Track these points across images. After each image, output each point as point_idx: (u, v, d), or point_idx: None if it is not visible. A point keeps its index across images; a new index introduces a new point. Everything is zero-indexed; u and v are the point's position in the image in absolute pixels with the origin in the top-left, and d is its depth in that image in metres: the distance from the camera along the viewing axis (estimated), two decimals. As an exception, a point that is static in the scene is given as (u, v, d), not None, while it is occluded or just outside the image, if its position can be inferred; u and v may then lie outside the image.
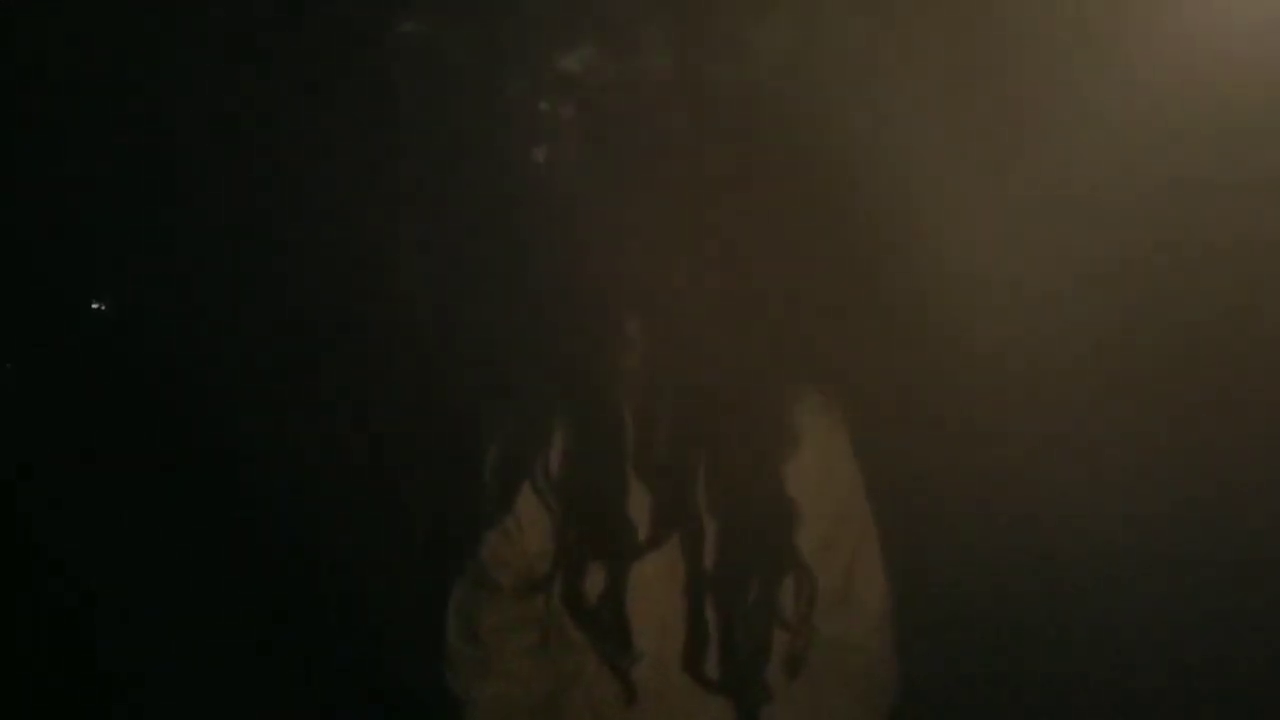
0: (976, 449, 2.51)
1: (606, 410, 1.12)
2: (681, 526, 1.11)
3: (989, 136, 2.36)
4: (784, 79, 1.57)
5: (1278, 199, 2.20)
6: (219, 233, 3.75)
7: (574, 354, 1.13)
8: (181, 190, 3.96)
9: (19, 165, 3.99)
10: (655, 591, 1.12)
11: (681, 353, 1.11)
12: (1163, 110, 2.12)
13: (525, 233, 1.22)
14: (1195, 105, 2.10)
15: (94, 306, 4.40)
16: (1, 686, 2.71)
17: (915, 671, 1.23)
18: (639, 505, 1.12)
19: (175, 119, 3.87)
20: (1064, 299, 2.46)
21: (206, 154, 3.76)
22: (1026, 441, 2.50)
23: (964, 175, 2.39)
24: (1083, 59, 2.28)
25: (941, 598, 2.04)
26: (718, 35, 1.50)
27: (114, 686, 2.88)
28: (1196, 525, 2.39)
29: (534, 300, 1.18)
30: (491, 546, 1.18)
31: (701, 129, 1.29)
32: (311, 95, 3.39)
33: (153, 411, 3.92)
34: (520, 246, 1.22)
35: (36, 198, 4.07)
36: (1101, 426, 2.51)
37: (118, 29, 3.76)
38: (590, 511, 1.12)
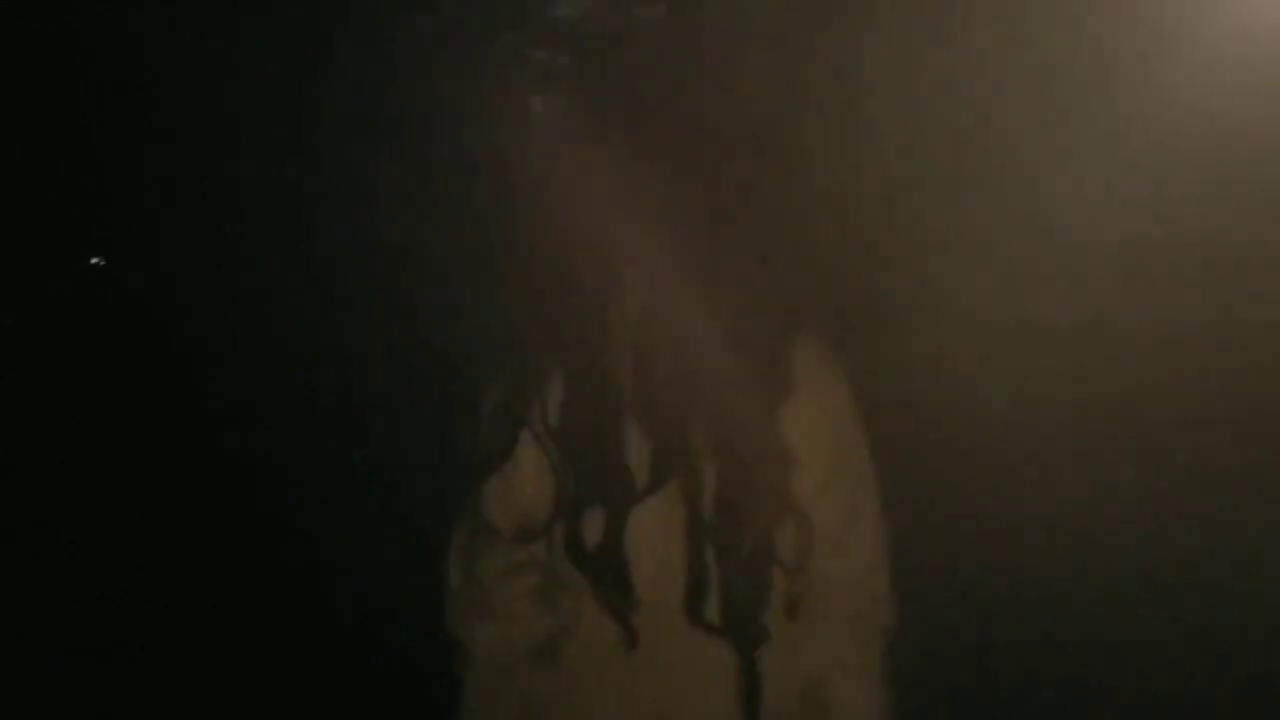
0: (971, 415, 2.52)
1: (604, 358, 1.13)
2: (680, 472, 1.12)
3: (1000, 134, 2.35)
4: (781, 29, 1.56)
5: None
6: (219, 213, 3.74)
7: (571, 303, 1.14)
8: (171, 182, 3.94)
9: (30, 130, 3.97)
10: (654, 537, 1.14)
11: (679, 301, 1.12)
12: (1178, 120, 2.11)
13: (522, 184, 1.22)
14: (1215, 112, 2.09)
15: (93, 261, 4.40)
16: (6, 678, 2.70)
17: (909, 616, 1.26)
18: (638, 452, 1.13)
19: (171, 94, 3.84)
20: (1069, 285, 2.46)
21: (207, 136, 3.74)
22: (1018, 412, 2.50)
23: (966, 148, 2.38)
24: (1088, 68, 2.26)
25: (933, 549, 2.06)
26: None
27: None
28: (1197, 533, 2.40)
29: (531, 251, 1.18)
30: (491, 493, 1.19)
31: (698, 77, 1.28)
32: (304, 48, 3.36)
33: (149, 381, 3.93)
34: (516, 198, 1.22)
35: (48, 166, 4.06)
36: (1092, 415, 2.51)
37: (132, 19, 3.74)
38: (589, 458, 1.13)
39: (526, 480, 1.17)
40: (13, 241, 4.15)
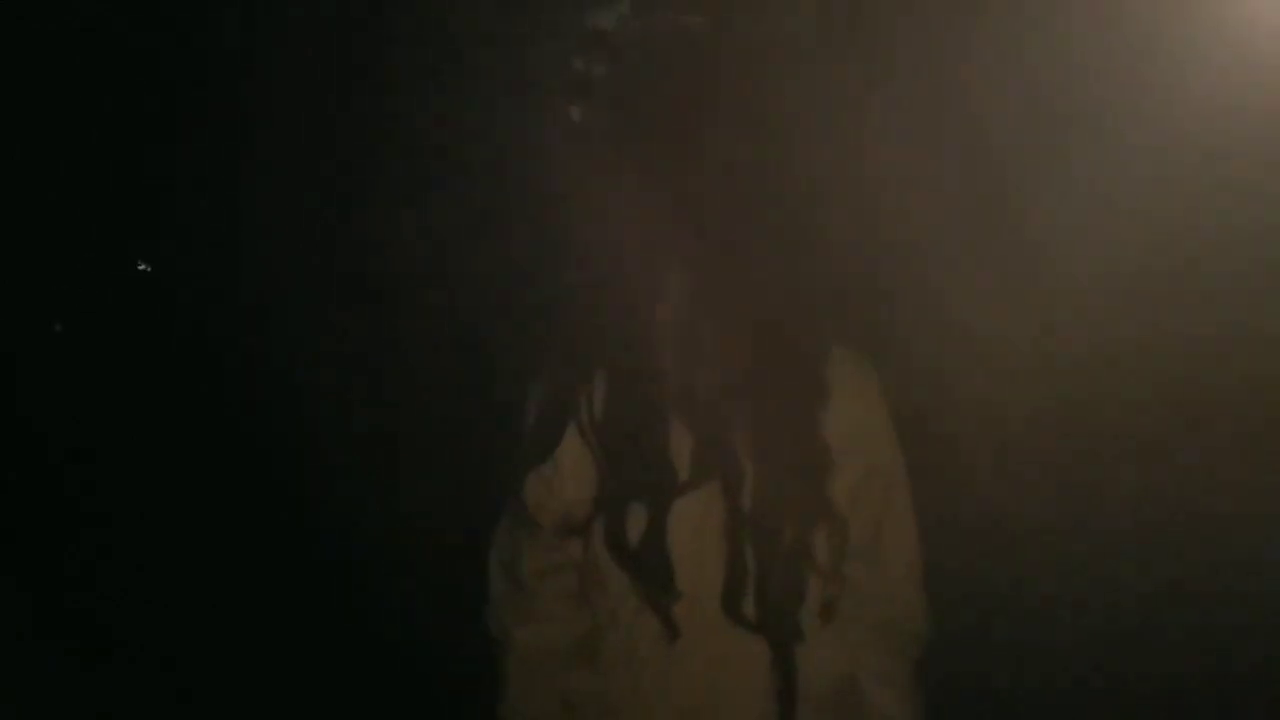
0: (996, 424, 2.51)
1: (647, 355, 1.16)
2: (720, 469, 1.14)
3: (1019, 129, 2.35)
4: (820, 32, 1.57)
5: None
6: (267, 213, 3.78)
7: (615, 305, 1.16)
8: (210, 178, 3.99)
9: (68, 135, 4.04)
10: (693, 533, 1.16)
11: (720, 301, 1.14)
12: (1180, 120, 2.11)
13: (563, 187, 1.24)
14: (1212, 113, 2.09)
15: (140, 268, 4.49)
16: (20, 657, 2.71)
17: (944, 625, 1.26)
18: (679, 450, 1.15)
19: (211, 93, 3.89)
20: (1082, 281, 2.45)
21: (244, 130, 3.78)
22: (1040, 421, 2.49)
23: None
24: (1100, 78, 2.26)
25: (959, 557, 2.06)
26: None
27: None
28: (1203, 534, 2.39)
29: (575, 251, 1.20)
30: (533, 491, 1.22)
31: (737, 83, 1.29)
32: (340, 56, 3.41)
33: (196, 380, 3.98)
34: (558, 199, 1.24)
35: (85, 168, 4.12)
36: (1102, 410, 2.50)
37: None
38: (632, 453, 1.16)
39: (569, 478, 1.19)
40: (51, 245, 4.21)
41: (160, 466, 3.63)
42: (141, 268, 4.54)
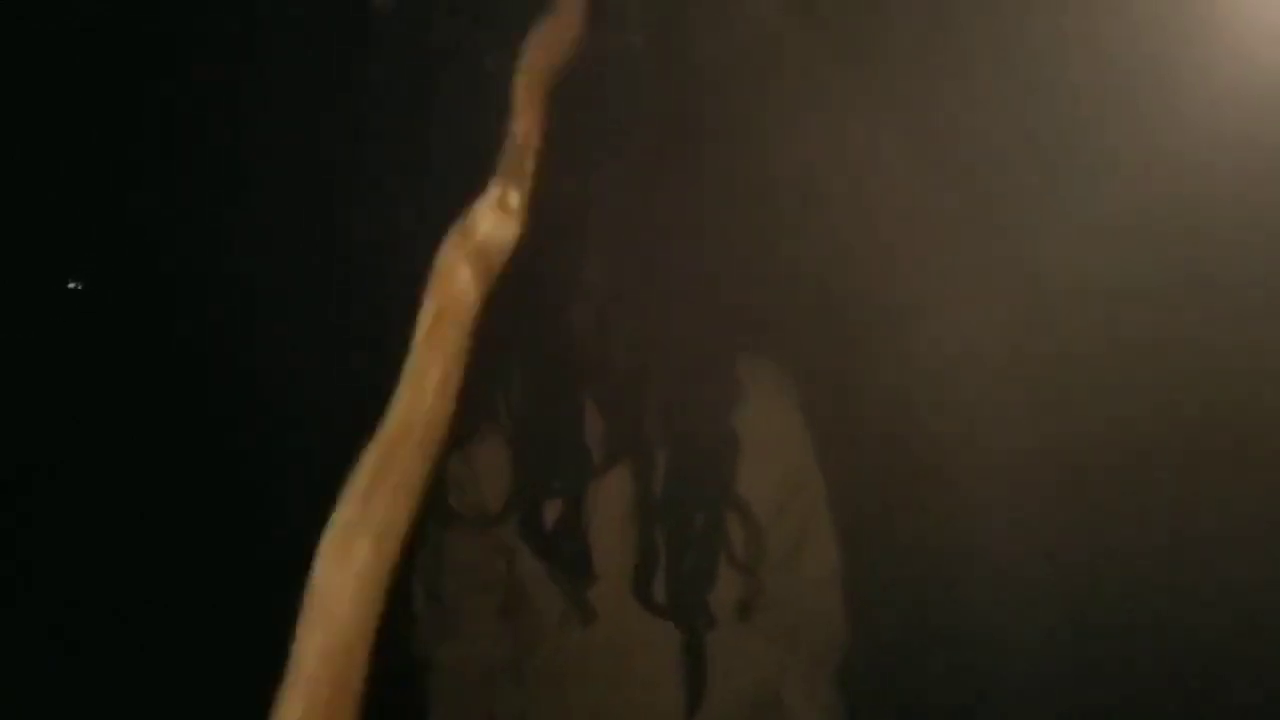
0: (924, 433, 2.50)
1: (563, 349, 1.17)
2: (632, 454, 1.16)
3: (959, 140, 2.37)
4: (765, 53, 1.59)
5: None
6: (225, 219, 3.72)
7: (531, 300, 1.16)
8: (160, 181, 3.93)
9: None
10: (607, 518, 1.17)
11: (640, 295, 1.17)
12: (1176, 146, 2.15)
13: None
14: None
15: (70, 286, 4.37)
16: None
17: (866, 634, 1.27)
18: (593, 435, 1.17)
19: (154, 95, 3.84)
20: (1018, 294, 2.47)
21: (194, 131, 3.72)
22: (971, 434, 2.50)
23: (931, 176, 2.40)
24: (1090, 87, 2.30)
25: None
26: (699, 6, 1.52)
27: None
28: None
29: None
30: (453, 483, 1.20)
31: (677, 101, 1.31)
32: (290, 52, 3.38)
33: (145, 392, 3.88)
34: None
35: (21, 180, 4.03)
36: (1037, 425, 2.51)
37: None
38: (547, 440, 1.17)
39: (487, 464, 1.19)
40: (43, 243, 4.14)
41: (151, 467, 3.55)
42: (71, 286, 4.44)
